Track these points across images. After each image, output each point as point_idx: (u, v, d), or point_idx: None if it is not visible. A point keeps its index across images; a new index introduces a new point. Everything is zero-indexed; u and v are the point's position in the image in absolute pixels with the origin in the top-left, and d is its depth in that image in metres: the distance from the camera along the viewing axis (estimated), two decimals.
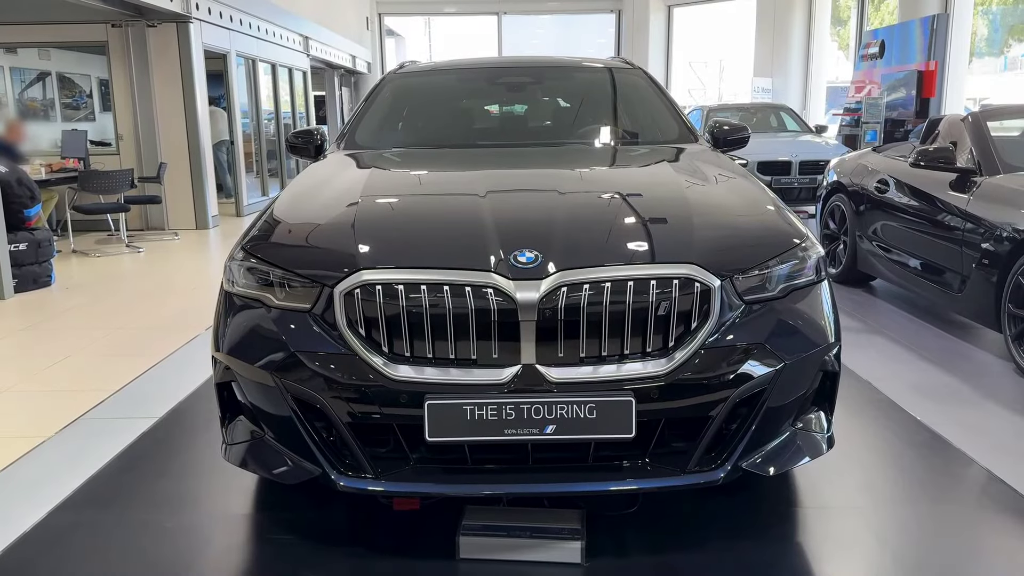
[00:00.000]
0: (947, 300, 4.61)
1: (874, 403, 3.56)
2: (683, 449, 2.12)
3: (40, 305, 5.97)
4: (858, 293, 5.89)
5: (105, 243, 8.96)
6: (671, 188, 2.65)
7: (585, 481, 2.10)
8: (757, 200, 2.59)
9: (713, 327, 2.08)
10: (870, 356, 4.30)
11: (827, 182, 6.42)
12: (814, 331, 2.23)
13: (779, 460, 2.21)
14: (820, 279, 2.33)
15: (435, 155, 3.40)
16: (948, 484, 2.80)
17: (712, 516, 2.50)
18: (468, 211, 2.40)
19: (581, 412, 1.99)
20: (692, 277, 2.07)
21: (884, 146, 6.46)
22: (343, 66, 17.78)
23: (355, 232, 2.26)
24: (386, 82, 4.00)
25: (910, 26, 11.09)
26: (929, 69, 10.50)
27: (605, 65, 4.09)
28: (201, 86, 9.88)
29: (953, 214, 4.52)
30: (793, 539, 2.39)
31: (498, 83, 4.05)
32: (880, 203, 5.43)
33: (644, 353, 2.06)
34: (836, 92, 17.04)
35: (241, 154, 11.35)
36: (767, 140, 10.18)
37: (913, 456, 3.01)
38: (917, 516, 2.54)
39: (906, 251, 5.08)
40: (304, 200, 2.67)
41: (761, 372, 2.10)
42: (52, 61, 10.25)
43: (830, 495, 2.66)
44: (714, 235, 2.25)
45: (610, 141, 3.66)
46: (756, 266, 2.19)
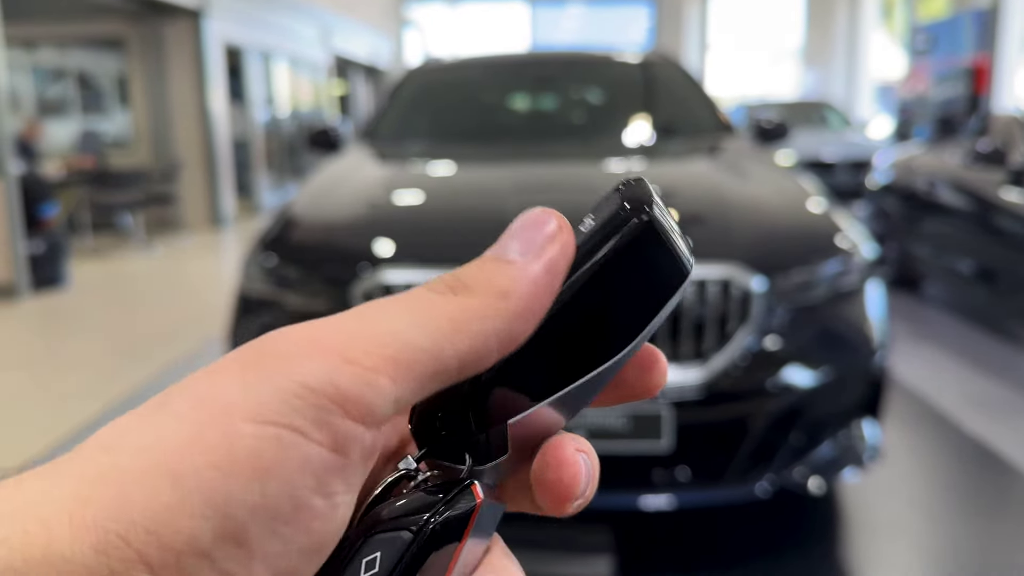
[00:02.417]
0: (1002, 306, 4.43)
1: (922, 415, 3.42)
2: (720, 462, 2.01)
3: (56, 306, 5.99)
4: (907, 298, 5.70)
5: (121, 243, 8.99)
6: (708, 185, 2.54)
7: (615, 495, 2.01)
8: (800, 198, 2.47)
9: (752, 332, 1.97)
10: (918, 365, 4.14)
11: (874, 182, 6.23)
12: (860, 337, 2.12)
13: (823, 474, 2.09)
14: (868, 282, 2.20)
15: (459, 152, 3.32)
16: (1000, 501, 2.68)
17: (750, 532, 2.39)
18: (493, 210, 2.31)
19: (612, 423, 1.89)
20: (730, 278, 1.96)
21: (934, 144, 6.26)
22: (364, 61, 17.60)
23: (375, 231, 2.20)
24: (409, 78, 3.92)
25: (960, 20, 10.78)
26: (980, 64, 10.20)
27: (638, 58, 3.98)
28: (218, 82, 9.80)
29: (1009, 216, 4.34)
30: (836, 557, 2.28)
31: (525, 78, 3.96)
32: (930, 204, 5.25)
33: (679, 360, 1.95)
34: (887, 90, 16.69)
35: (259, 151, 11.30)
36: (810, 139, 9.96)
37: (963, 471, 2.87)
38: (968, 535, 2.41)
39: (958, 254, 4.90)
40: (324, 198, 2.61)
41: (803, 381, 1.99)
42: (69, 59, 10.35)
43: (876, 511, 2.53)
44: (753, 235, 2.14)
45: (643, 137, 3.55)
46: (798, 268, 2.08)
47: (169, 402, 0.21)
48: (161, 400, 0.21)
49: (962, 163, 4.92)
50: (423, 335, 0.23)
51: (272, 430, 0.19)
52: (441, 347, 0.23)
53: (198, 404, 0.20)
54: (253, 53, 11.15)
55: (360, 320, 0.23)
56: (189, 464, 0.19)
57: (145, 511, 0.19)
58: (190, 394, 0.21)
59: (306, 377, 0.20)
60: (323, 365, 0.21)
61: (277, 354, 0.21)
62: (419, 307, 0.24)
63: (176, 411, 0.20)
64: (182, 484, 0.19)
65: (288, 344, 0.22)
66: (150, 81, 9.75)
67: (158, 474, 0.19)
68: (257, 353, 0.22)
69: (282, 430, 0.20)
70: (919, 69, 11.55)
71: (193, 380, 0.22)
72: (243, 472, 0.19)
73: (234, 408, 0.20)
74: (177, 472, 0.19)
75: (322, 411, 0.20)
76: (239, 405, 0.20)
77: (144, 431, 0.20)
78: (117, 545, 0.18)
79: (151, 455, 0.19)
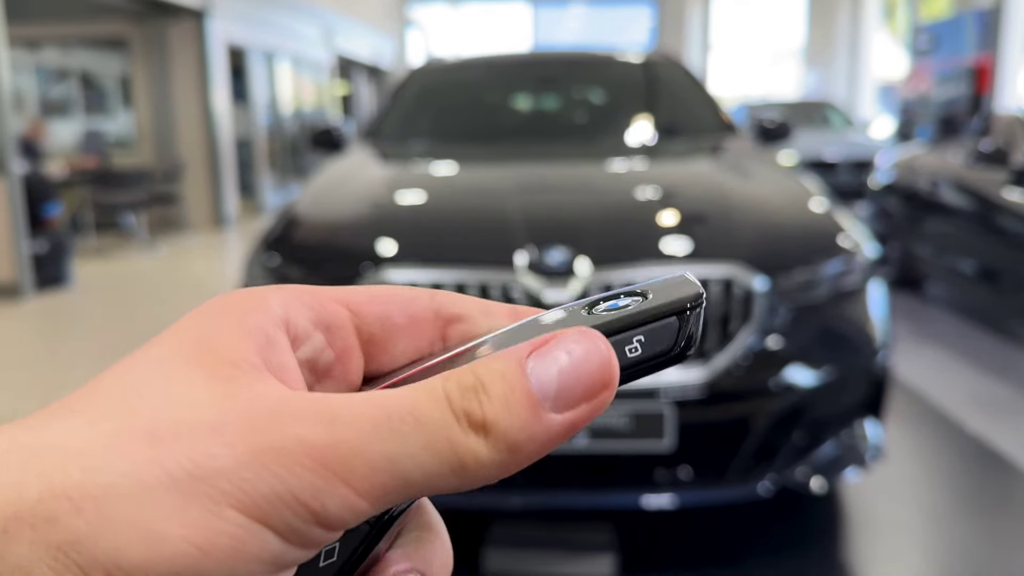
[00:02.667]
0: (1004, 306, 4.42)
1: (924, 415, 3.41)
2: (722, 461, 2.02)
3: (60, 306, 6.00)
4: (909, 298, 5.69)
5: (124, 243, 8.99)
6: (710, 185, 2.54)
7: (617, 494, 2.01)
8: (802, 198, 2.47)
9: (754, 331, 1.97)
10: (920, 365, 4.13)
11: (876, 182, 6.23)
12: (862, 337, 2.12)
13: (825, 474, 2.09)
14: (870, 282, 2.20)
15: (462, 152, 3.32)
16: (1002, 501, 2.67)
17: (752, 531, 2.39)
18: (496, 209, 2.32)
19: (614, 422, 1.89)
20: (732, 278, 1.97)
21: (936, 144, 6.26)
22: (367, 61, 17.56)
23: (378, 231, 2.20)
24: (412, 78, 3.92)
25: (962, 20, 10.76)
26: (983, 64, 10.18)
27: (640, 58, 3.97)
28: (221, 82, 9.79)
29: (1011, 215, 4.33)
30: (838, 557, 2.28)
31: (528, 78, 3.96)
32: (932, 204, 5.24)
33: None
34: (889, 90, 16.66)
35: (262, 151, 11.27)
36: (812, 138, 9.95)
37: (966, 471, 2.87)
38: (970, 534, 2.41)
39: (960, 254, 4.89)
40: (326, 198, 2.61)
41: (805, 380, 1.99)
42: (72, 59, 10.35)
43: (877, 511, 2.53)
44: (756, 234, 2.14)
45: (646, 137, 3.55)
46: (800, 267, 2.08)
47: (159, 440, 0.20)
48: (150, 430, 0.20)
49: (964, 163, 4.91)
50: (422, 475, 0.21)
51: (256, 528, 0.20)
52: (431, 487, 0.22)
53: (191, 466, 0.20)
54: (256, 53, 11.14)
55: (375, 427, 0.21)
56: (165, 530, 0.19)
57: (108, 553, 0.19)
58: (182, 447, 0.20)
59: (298, 489, 0.20)
60: (317, 481, 0.20)
61: (280, 442, 0.20)
62: (432, 435, 0.21)
63: (165, 467, 0.20)
64: (153, 547, 0.19)
65: (293, 434, 0.20)
66: (153, 81, 9.75)
67: (130, 525, 0.19)
68: (265, 423, 0.21)
69: (265, 530, 0.20)
70: (921, 69, 11.53)
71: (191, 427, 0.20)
72: (218, 556, 0.19)
73: (224, 488, 0.20)
74: (153, 534, 0.19)
75: (304, 523, 0.20)
76: (230, 489, 0.20)
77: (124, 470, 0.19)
78: (69, 568, 0.18)
79: (130, 505, 0.19)
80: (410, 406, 0.22)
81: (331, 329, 0.26)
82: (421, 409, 0.22)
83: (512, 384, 0.22)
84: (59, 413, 0.21)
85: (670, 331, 0.25)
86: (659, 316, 0.25)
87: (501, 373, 0.22)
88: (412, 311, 0.27)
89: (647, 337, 0.25)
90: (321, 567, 0.23)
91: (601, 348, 0.23)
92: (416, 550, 0.26)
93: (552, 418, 0.22)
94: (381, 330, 0.27)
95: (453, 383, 0.22)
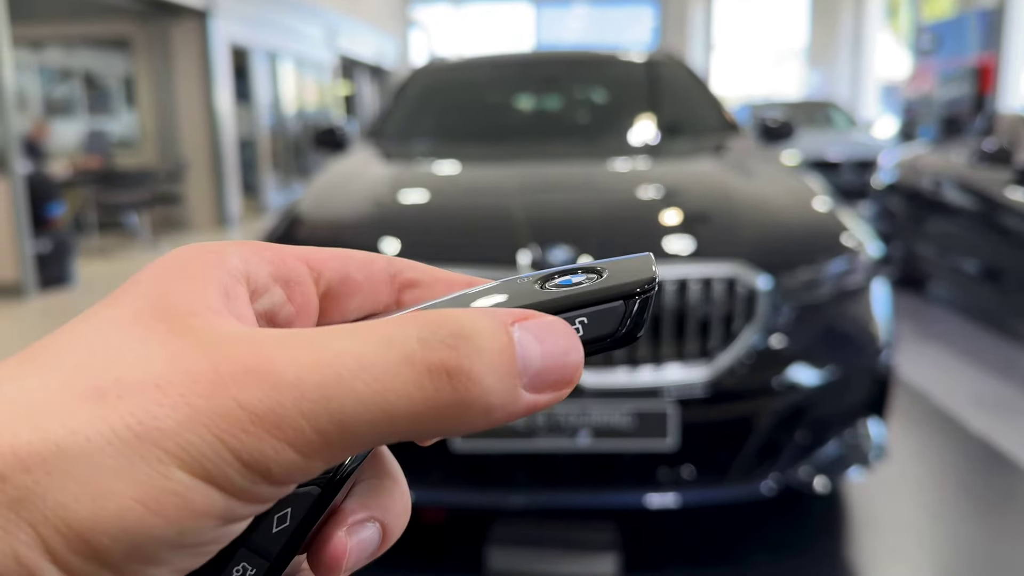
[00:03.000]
0: (1008, 306, 4.41)
1: (928, 415, 3.41)
2: (725, 460, 2.01)
3: (63, 305, 6.01)
4: (912, 297, 5.69)
5: (127, 243, 8.99)
6: (713, 184, 2.54)
7: (620, 493, 2.01)
8: (805, 197, 2.46)
9: (758, 330, 1.97)
10: (923, 365, 4.13)
11: (880, 181, 6.22)
12: (866, 336, 2.12)
13: (828, 473, 2.09)
14: (873, 281, 2.20)
15: (465, 151, 3.32)
16: (1005, 500, 2.66)
17: (755, 530, 2.39)
18: (499, 208, 2.32)
19: (617, 420, 1.89)
20: (736, 277, 1.97)
21: (939, 143, 6.25)
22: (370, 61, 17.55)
23: (381, 230, 2.20)
24: (414, 78, 3.93)
25: (965, 19, 10.75)
26: (986, 64, 10.16)
27: (643, 57, 3.97)
28: (224, 82, 9.79)
29: (1014, 215, 4.32)
30: (841, 556, 2.28)
31: (530, 78, 3.96)
32: (936, 203, 5.23)
33: (684, 358, 1.95)
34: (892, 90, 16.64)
35: (265, 151, 11.27)
36: (815, 138, 9.94)
37: (969, 471, 2.86)
38: (973, 534, 2.41)
39: (963, 254, 4.88)
40: (329, 197, 2.62)
41: (808, 379, 1.99)
42: (76, 59, 10.35)
43: (881, 510, 2.53)
44: (759, 233, 2.14)
45: (649, 136, 3.55)
46: (804, 266, 2.07)
47: (104, 398, 0.20)
48: (97, 387, 0.20)
49: (967, 163, 4.91)
50: (373, 432, 0.21)
51: (203, 487, 0.20)
52: (383, 441, 0.21)
53: (135, 424, 0.19)
54: (259, 53, 11.14)
55: (329, 380, 0.20)
56: (113, 489, 0.19)
57: (56, 510, 0.19)
58: (127, 405, 0.20)
59: (241, 451, 0.20)
60: (263, 441, 0.20)
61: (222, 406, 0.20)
62: (392, 387, 0.21)
63: (111, 424, 0.19)
64: (101, 504, 0.19)
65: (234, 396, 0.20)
66: (156, 81, 9.76)
67: (78, 483, 0.19)
68: (208, 384, 0.20)
69: (212, 489, 0.20)
70: (924, 69, 11.52)
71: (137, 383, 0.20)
72: (166, 514, 0.19)
73: (169, 449, 0.19)
74: (101, 492, 0.19)
75: (251, 482, 0.20)
76: (175, 449, 0.19)
77: (72, 428, 0.19)
78: (19, 526, 0.18)
79: (77, 463, 0.19)
80: (370, 357, 0.21)
81: (291, 284, 0.26)
82: (382, 357, 0.21)
83: (502, 346, 0.22)
84: (10, 370, 0.21)
85: (615, 315, 0.25)
86: (605, 299, 0.25)
87: (490, 331, 0.22)
88: (370, 271, 0.27)
89: (590, 319, 0.24)
90: (274, 532, 0.23)
91: (578, 347, 0.23)
92: (374, 498, 0.26)
93: (523, 394, 0.22)
94: (339, 286, 0.27)
95: (430, 327, 0.22)
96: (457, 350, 0.21)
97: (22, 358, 0.21)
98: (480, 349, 0.21)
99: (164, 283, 0.23)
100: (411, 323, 0.22)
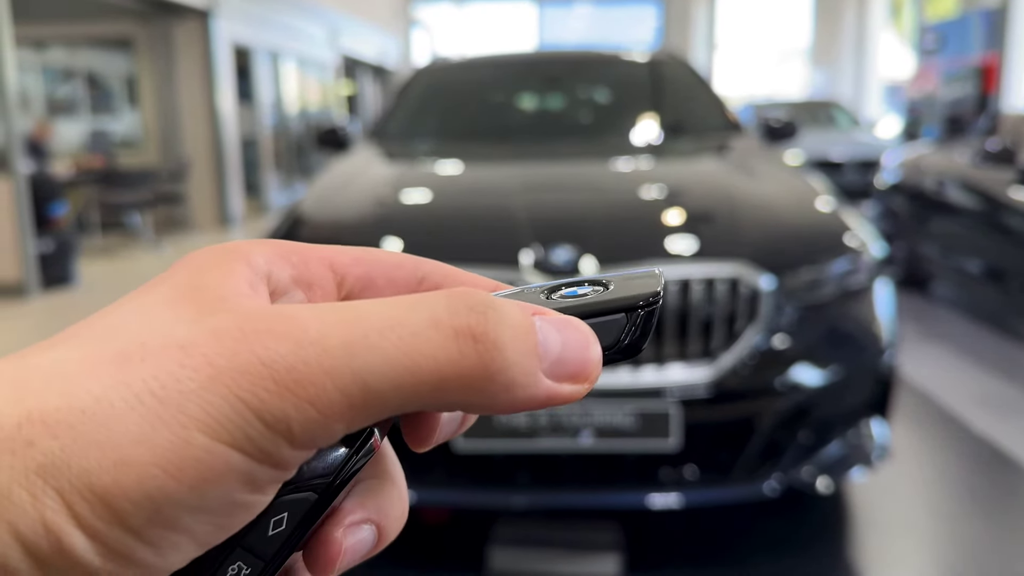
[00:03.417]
0: (1011, 306, 4.40)
1: (931, 415, 3.40)
2: (728, 461, 2.01)
3: (65, 305, 6.00)
4: (915, 297, 5.68)
5: (130, 242, 8.99)
6: (716, 184, 2.53)
7: (623, 494, 2.00)
8: (808, 197, 2.46)
9: (761, 330, 1.97)
10: (927, 365, 4.12)
11: (883, 181, 6.21)
12: (869, 336, 2.11)
13: (831, 474, 2.08)
14: (876, 281, 2.20)
15: (467, 151, 3.32)
16: (1009, 500, 2.65)
17: (757, 530, 2.38)
18: (501, 208, 2.32)
19: (619, 421, 1.89)
20: (739, 277, 1.96)
21: (943, 143, 6.23)
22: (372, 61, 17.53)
23: (384, 229, 2.20)
24: (417, 78, 3.92)
25: (968, 19, 10.73)
26: (989, 64, 10.14)
27: (645, 57, 3.97)
28: (226, 82, 9.78)
29: (1018, 215, 4.31)
30: (844, 557, 2.27)
31: (533, 77, 3.96)
32: (939, 203, 5.22)
33: (687, 358, 1.95)
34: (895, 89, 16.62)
35: (267, 151, 11.25)
36: (818, 138, 9.93)
37: (972, 471, 2.85)
38: (976, 534, 2.40)
39: (967, 254, 4.87)
40: (332, 197, 2.62)
41: (811, 379, 1.99)
42: (78, 59, 10.35)
43: (883, 511, 2.52)
44: (762, 233, 2.13)
45: (651, 135, 3.54)
46: (807, 266, 2.07)
47: (127, 361, 0.20)
48: (122, 351, 0.21)
49: (971, 162, 4.90)
50: (398, 394, 0.21)
51: (223, 450, 0.20)
52: (407, 406, 0.21)
53: (158, 389, 0.20)
54: (261, 53, 11.15)
55: (355, 337, 0.21)
56: (134, 455, 0.19)
57: (81, 476, 0.19)
58: (149, 367, 0.20)
59: (263, 411, 0.20)
60: (284, 400, 0.20)
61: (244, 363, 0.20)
62: (419, 348, 0.21)
63: (132, 388, 0.20)
64: (123, 471, 0.19)
65: (257, 354, 0.20)
66: (159, 81, 9.76)
67: (101, 449, 0.19)
68: (231, 343, 0.20)
69: (233, 452, 0.20)
70: (928, 68, 11.50)
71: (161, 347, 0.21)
72: (187, 480, 0.19)
73: (191, 413, 0.20)
74: (123, 458, 0.19)
75: (274, 445, 0.20)
76: (196, 413, 0.20)
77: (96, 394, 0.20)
78: (46, 492, 0.19)
79: (100, 429, 0.19)
80: (397, 318, 0.21)
81: (312, 288, 0.26)
82: (410, 319, 0.21)
83: (527, 325, 0.22)
84: (46, 346, 0.22)
85: (617, 327, 0.25)
86: (609, 310, 0.25)
87: (514, 311, 0.22)
88: (394, 276, 0.27)
89: (594, 329, 0.25)
90: (271, 536, 0.23)
91: (596, 343, 0.24)
92: (372, 499, 0.26)
93: (543, 379, 0.22)
94: (360, 292, 0.27)
95: (458, 296, 0.22)
96: (485, 316, 0.22)
97: (60, 336, 0.22)
98: (505, 321, 0.22)
99: (195, 273, 0.24)
100: (440, 293, 0.22)
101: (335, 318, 0.21)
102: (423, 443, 0.26)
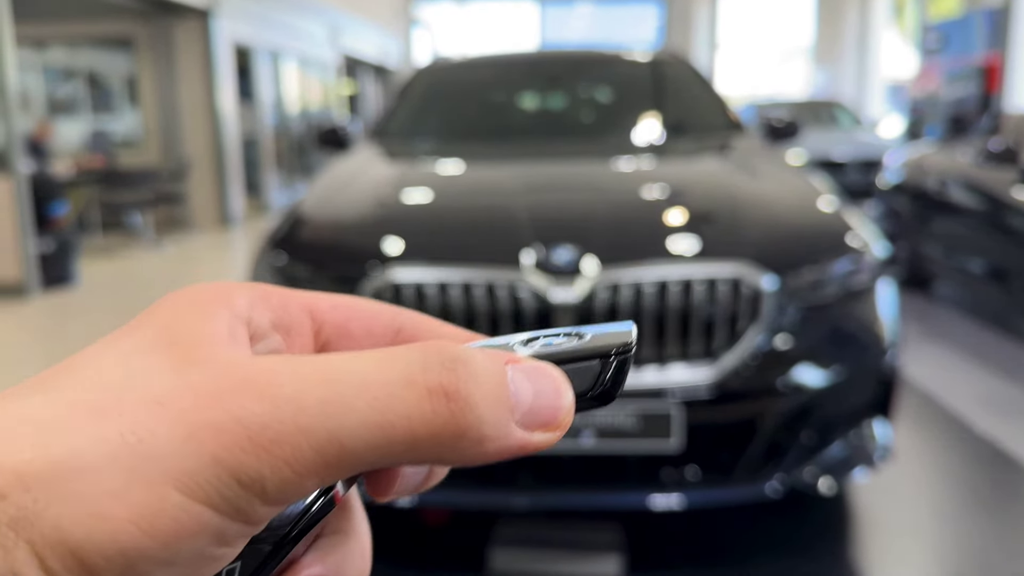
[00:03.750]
0: (1014, 306, 4.39)
1: (933, 415, 3.39)
2: (730, 461, 2.00)
3: (66, 305, 6.00)
4: (918, 297, 5.67)
5: (130, 242, 8.98)
6: (718, 183, 2.52)
7: (624, 494, 2.00)
8: (810, 197, 2.45)
9: (763, 330, 1.96)
10: (929, 365, 4.11)
11: (885, 181, 6.20)
12: (871, 336, 2.10)
13: (833, 474, 2.08)
14: (879, 281, 2.19)
15: (469, 151, 3.31)
16: (1012, 501, 2.65)
17: (759, 531, 2.37)
18: (503, 207, 2.31)
19: (621, 421, 1.88)
20: (741, 277, 1.95)
21: (945, 143, 6.22)
22: (373, 61, 17.50)
23: (385, 229, 2.20)
24: (418, 77, 3.92)
25: (971, 19, 10.72)
26: (992, 63, 10.13)
27: (647, 56, 3.96)
28: (227, 81, 9.77)
29: (1021, 215, 4.30)
30: (847, 557, 2.27)
31: (535, 77, 3.95)
32: (941, 203, 5.21)
33: (689, 358, 1.94)
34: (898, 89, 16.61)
35: (268, 151, 11.25)
36: (820, 138, 9.92)
37: (975, 471, 2.84)
38: (978, 535, 2.39)
39: (969, 254, 4.86)
40: (333, 197, 2.61)
41: (813, 380, 1.98)
42: (79, 59, 10.35)
43: (885, 512, 2.51)
44: (764, 233, 2.13)
45: (653, 135, 3.54)
46: (809, 266, 2.06)
47: (104, 415, 0.20)
48: (100, 405, 0.20)
49: (973, 162, 4.89)
50: (372, 453, 0.21)
51: (198, 509, 0.20)
52: (380, 464, 0.21)
53: (135, 443, 0.20)
54: (262, 52, 11.14)
55: (330, 396, 0.21)
56: (109, 510, 0.19)
57: (54, 530, 0.19)
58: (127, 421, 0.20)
59: (237, 470, 0.20)
60: (260, 460, 0.20)
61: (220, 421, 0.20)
62: (396, 409, 0.21)
63: (109, 442, 0.20)
64: (97, 525, 0.19)
65: (232, 412, 0.20)
66: (159, 81, 9.76)
67: (75, 503, 0.19)
68: (208, 399, 0.21)
69: (207, 510, 0.20)
70: (930, 68, 11.49)
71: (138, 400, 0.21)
72: (161, 536, 0.19)
73: (166, 470, 0.20)
74: (97, 513, 0.19)
75: (247, 501, 0.20)
76: (171, 470, 0.20)
77: (71, 446, 0.20)
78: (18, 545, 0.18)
79: (75, 482, 0.19)
80: (372, 375, 0.21)
81: (291, 333, 0.27)
82: (385, 377, 0.21)
83: (498, 377, 0.23)
84: (22, 392, 0.21)
85: (591, 373, 0.26)
86: (583, 357, 0.26)
87: (486, 363, 0.23)
88: (371, 327, 0.28)
89: (568, 375, 0.25)
90: None
91: (568, 390, 0.24)
92: (331, 554, 0.26)
93: (515, 429, 0.23)
94: (337, 340, 0.28)
95: (431, 351, 0.22)
96: (456, 373, 0.22)
97: (35, 380, 0.22)
98: (477, 376, 0.22)
99: (175, 316, 0.24)
100: (413, 348, 0.22)
101: (312, 375, 0.21)
102: (383, 494, 0.26)
